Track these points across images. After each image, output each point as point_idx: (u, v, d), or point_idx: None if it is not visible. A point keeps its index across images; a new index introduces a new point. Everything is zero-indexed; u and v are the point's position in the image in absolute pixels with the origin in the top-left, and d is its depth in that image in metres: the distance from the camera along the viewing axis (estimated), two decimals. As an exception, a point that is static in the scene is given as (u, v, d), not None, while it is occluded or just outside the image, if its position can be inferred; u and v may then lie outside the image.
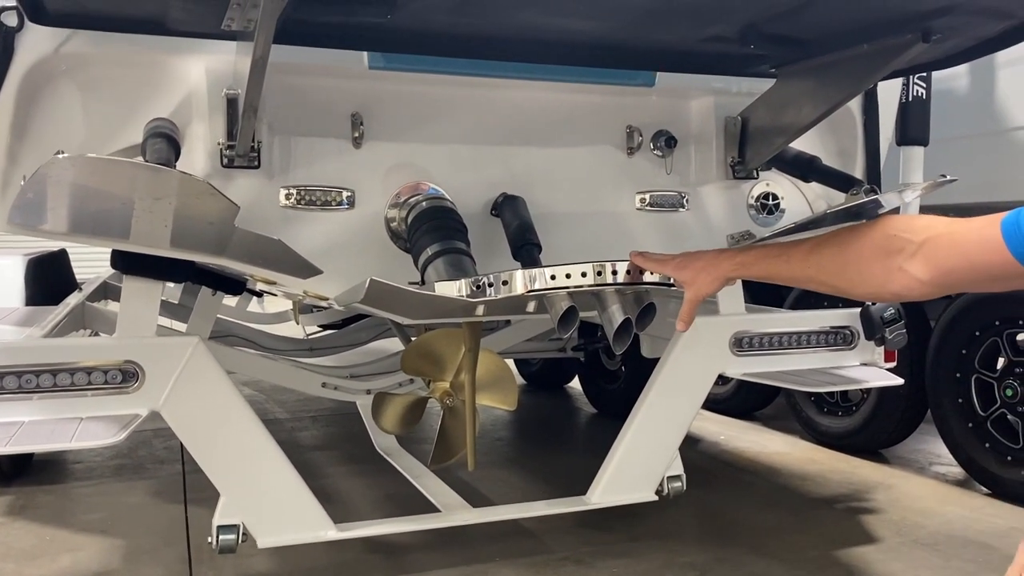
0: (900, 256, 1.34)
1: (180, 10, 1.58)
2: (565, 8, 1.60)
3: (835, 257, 1.47)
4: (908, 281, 1.34)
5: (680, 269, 1.63)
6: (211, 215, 1.58)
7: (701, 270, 1.60)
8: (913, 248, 1.32)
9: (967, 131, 3.17)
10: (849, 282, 1.45)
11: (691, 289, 1.60)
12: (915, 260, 1.32)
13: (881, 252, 1.38)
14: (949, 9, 1.59)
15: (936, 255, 1.30)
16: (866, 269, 1.40)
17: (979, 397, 3.10)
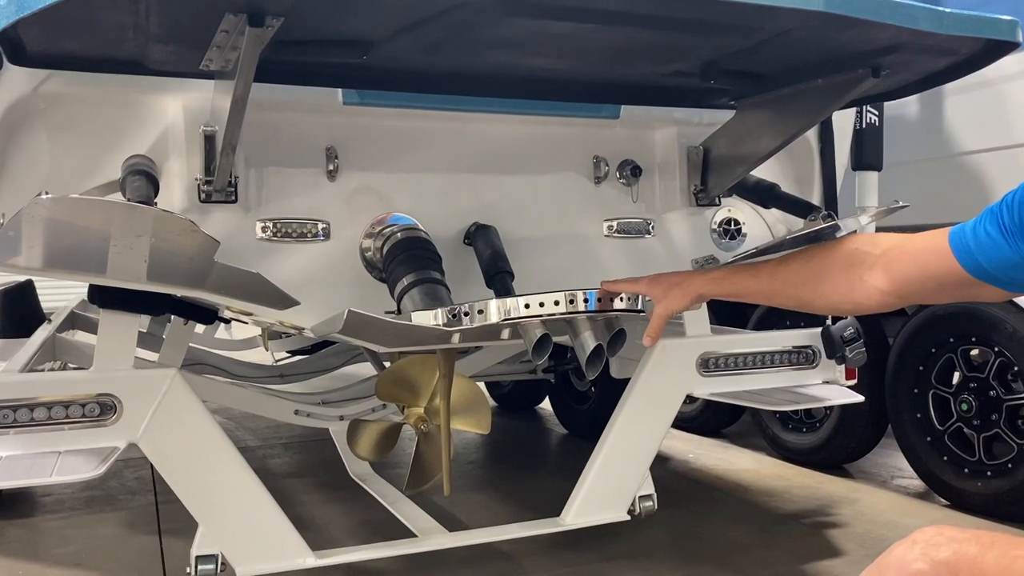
0: (861, 268, 1.43)
1: (160, 51, 1.62)
2: (535, 49, 1.67)
3: (801, 270, 1.56)
4: (869, 291, 1.43)
5: (652, 285, 1.71)
6: (192, 251, 1.62)
7: (674, 286, 1.67)
8: (873, 260, 1.42)
9: (918, 156, 3.29)
10: (814, 294, 1.53)
11: (661, 304, 1.67)
12: (875, 271, 1.42)
13: (844, 265, 1.47)
14: (897, 47, 1.68)
15: (894, 266, 1.39)
16: (830, 281, 1.49)
17: (936, 412, 3.20)
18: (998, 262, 1.28)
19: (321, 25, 1.49)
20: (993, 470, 3.02)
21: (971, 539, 0.92)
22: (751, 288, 1.62)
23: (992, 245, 1.28)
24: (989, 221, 1.29)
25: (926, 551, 0.93)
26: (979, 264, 1.30)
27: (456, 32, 1.51)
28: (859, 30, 1.55)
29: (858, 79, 1.85)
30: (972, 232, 1.31)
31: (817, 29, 1.55)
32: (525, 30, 1.53)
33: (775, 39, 1.64)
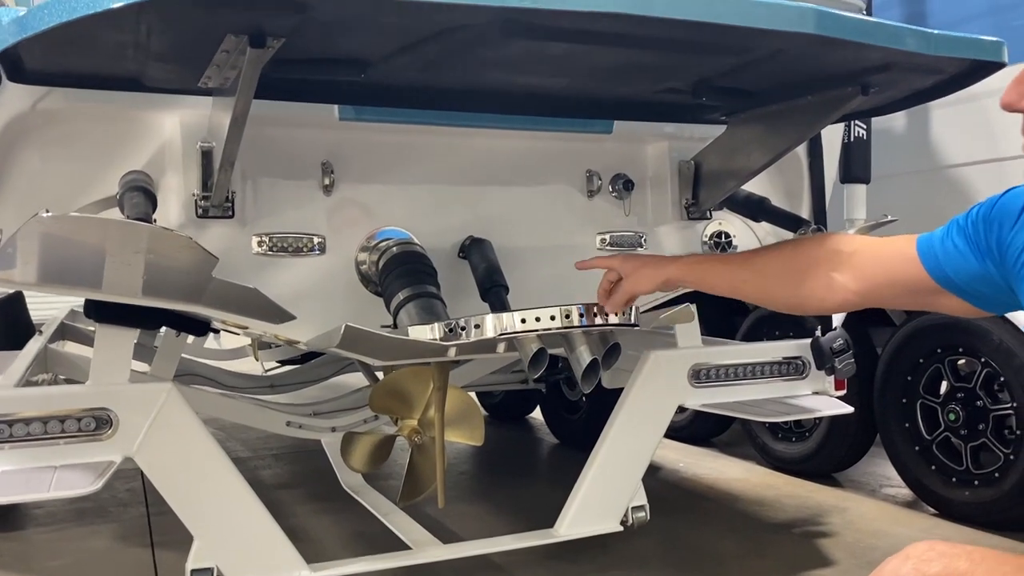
0: (830, 266, 1.46)
1: (158, 69, 1.63)
2: (531, 68, 1.69)
3: (771, 263, 1.58)
4: (836, 290, 1.46)
5: (624, 262, 1.72)
6: (190, 267, 1.63)
7: (644, 265, 1.68)
8: (842, 259, 1.45)
9: (905, 168, 3.34)
10: (781, 287, 1.55)
11: (629, 281, 1.69)
12: (844, 271, 1.44)
13: (813, 262, 1.50)
14: (886, 66, 1.72)
15: (862, 268, 1.42)
16: (798, 276, 1.51)
17: (924, 421, 3.24)
18: (965, 274, 1.30)
19: (320, 45, 1.50)
20: (980, 479, 3.05)
21: (961, 555, 0.95)
22: (721, 277, 1.63)
23: (959, 257, 1.29)
24: (956, 233, 1.31)
25: (918, 566, 0.95)
26: (946, 275, 1.31)
27: (454, 52, 1.53)
28: (849, 50, 1.58)
29: (847, 96, 1.88)
30: (940, 243, 1.33)
31: (808, 49, 1.58)
32: (522, 51, 1.55)
33: (767, 58, 1.67)
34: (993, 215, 1.26)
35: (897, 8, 3.29)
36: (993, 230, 1.25)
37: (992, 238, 1.25)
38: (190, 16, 1.25)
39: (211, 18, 1.28)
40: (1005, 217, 1.24)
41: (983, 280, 1.28)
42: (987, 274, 1.27)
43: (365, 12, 1.25)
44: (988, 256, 1.26)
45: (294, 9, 1.23)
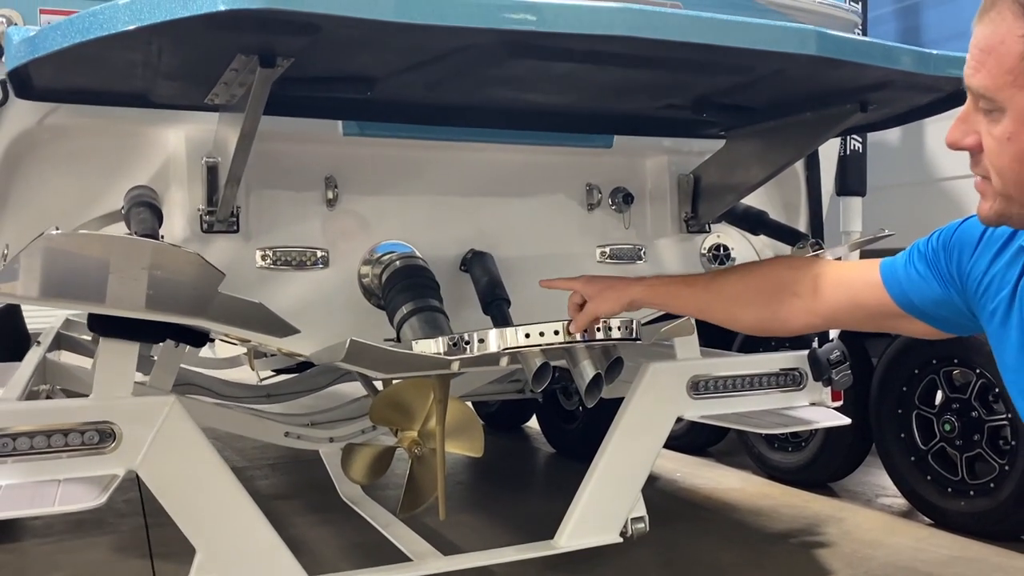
0: (792, 288, 1.49)
1: (166, 86, 1.64)
2: (535, 86, 1.71)
3: (735, 285, 1.60)
4: (797, 313, 1.49)
5: (587, 285, 1.73)
6: (198, 282, 1.64)
7: (609, 287, 1.70)
8: (804, 283, 1.47)
9: (900, 180, 3.37)
10: (747, 310, 1.57)
11: (594, 303, 1.70)
12: (805, 294, 1.47)
13: (776, 285, 1.52)
14: (884, 85, 1.74)
15: (824, 292, 1.45)
16: (761, 298, 1.54)
17: (920, 432, 3.27)
18: (927, 299, 1.33)
19: (328, 64, 1.52)
20: (976, 489, 3.08)
21: None
22: (684, 298, 1.65)
23: (922, 282, 1.33)
24: (918, 258, 1.34)
25: None
26: (909, 299, 1.34)
27: (460, 71, 1.55)
28: (849, 69, 1.61)
29: (846, 113, 1.91)
30: (903, 268, 1.36)
31: (809, 69, 1.60)
32: (527, 70, 1.57)
33: (768, 77, 1.69)
34: (953, 242, 1.29)
35: (892, 23, 3.33)
36: (953, 257, 1.29)
37: (952, 265, 1.29)
38: (202, 37, 1.26)
39: (223, 39, 1.29)
40: (965, 245, 1.28)
41: (945, 304, 1.31)
42: (949, 299, 1.30)
43: (375, 34, 1.27)
44: (949, 282, 1.30)
45: (305, 32, 1.24)
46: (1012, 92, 1.04)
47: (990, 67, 1.05)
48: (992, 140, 1.07)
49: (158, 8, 1.17)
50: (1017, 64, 1.03)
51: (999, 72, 1.04)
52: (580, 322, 1.72)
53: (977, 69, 1.07)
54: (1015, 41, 1.03)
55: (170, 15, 1.15)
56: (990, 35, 1.05)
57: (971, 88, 1.09)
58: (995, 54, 1.04)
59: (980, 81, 1.06)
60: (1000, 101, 1.05)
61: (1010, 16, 1.04)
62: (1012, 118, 1.05)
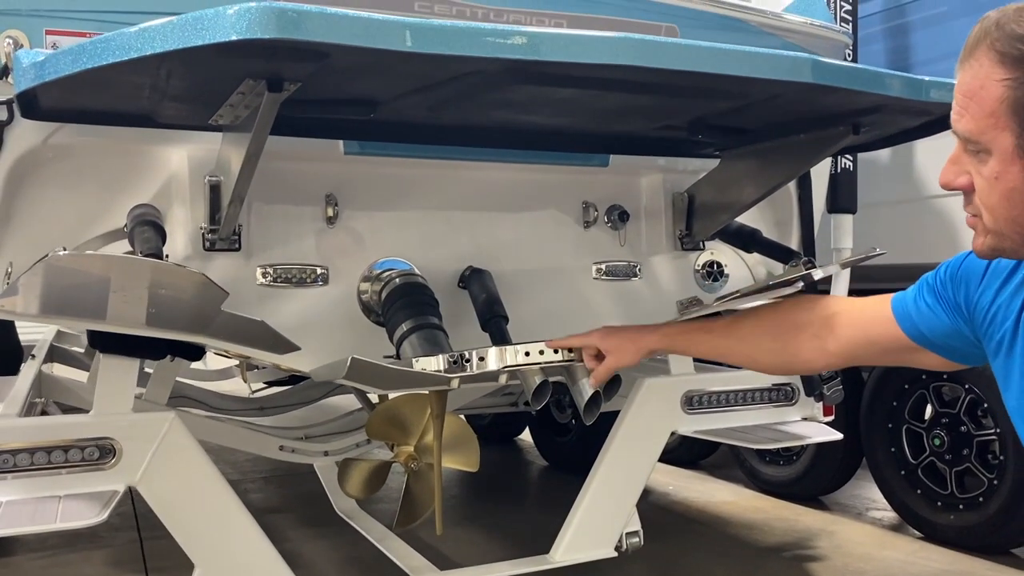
0: (810, 330, 1.52)
1: (171, 108, 1.66)
2: (536, 109, 1.74)
3: (754, 330, 1.64)
4: (817, 353, 1.52)
5: (604, 338, 1.76)
6: (201, 301, 1.66)
7: (626, 340, 1.74)
8: (821, 323, 1.51)
9: (890, 198, 3.42)
10: (767, 353, 1.61)
11: (614, 357, 1.74)
12: (823, 334, 1.51)
13: (794, 326, 1.56)
14: (877, 109, 1.78)
15: (840, 330, 1.48)
16: (781, 341, 1.57)
17: (910, 446, 3.30)
18: (938, 331, 1.37)
19: (334, 87, 1.54)
20: (965, 503, 3.12)
21: None
22: (704, 345, 1.70)
23: (931, 315, 1.37)
24: (927, 292, 1.38)
25: None
26: (921, 332, 1.39)
27: (463, 95, 1.58)
28: (843, 95, 1.64)
29: (839, 135, 1.95)
30: (913, 301, 1.40)
31: (803, 94, 1.64)
32: (529, 94, 1.60)
33: (763, 101, 1.73)
34: (960, 274, 1.34)
35: (881, 42, 3.38)
36: (960, 288, 1.33)
37: (960, 296, 1.33)
38: (213, 63, 1.29)
39: (233, 64, 1.31)
40: (971, 276, 1.32)
41: (955, 335, 1.35)
42: (958, 329, 1.34)
43: (384, 61, 1.30)
44: (957, 312, 1.33)
45: (315, 58, 1.26)
46: (995, 134, 1.09)
47: (973, 112, 1.10)
48: (982, 180, 1.12)
49: (172, 36, 1.19)
50: (998, 107, 1.08)
51: (981, 116, 1.09)
52: (599, 376, 1.76)
53: (961, 114, 1.12)
54: (994, 85, 1.07)
55: (184, 43, 1.18)
56: (971, 81, 1.10)
57: (957, 132, 1.14)
58: (976, 99, 1.09)
59: (965, 126, 1.11)
60: (985, 143, 1.10)
61: (987, 62, 1.08)
62: (998, 159, 1.09)
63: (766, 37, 2.42)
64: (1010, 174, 1.09)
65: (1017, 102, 1.06)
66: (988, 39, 1.09)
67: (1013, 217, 1.11)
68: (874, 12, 3.35)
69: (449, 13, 1.98)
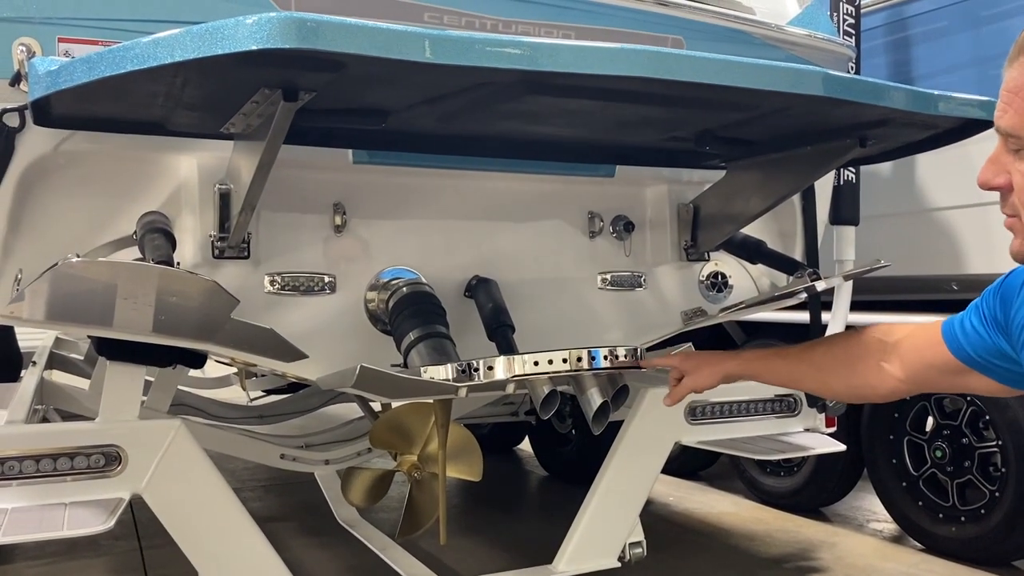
0: (879, 357, 1.55)
1: (184, 116, 1.67)
2: (546, 120, 1.75)
3: (826, 357, 1.68)
4: (886, 379, 1.55)
5: (684, 360, 1.82)
6: (212, 309, 1.66)
7: (705, 363, 1.79)
8: (888, 350, 1.54)
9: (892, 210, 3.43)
10: (838, 379, 1.65)
11: (692, 379, 1.79)
12: (890, 361, 1.53)
13: (864, 354, 1.59)
14: (884, 122, 1.79)
15: (905, 356, 1.51)
16: (851, 368, 1.61)
17: (911, 458, 3.31)
18: (982, 350, 1.39)
19: (346, 97, 1.55)
20: (966, 515, 3.12)
21: None
22: (779, 372, 1.74)
23: (976, 335, 1.39)
24: (974, 313, 1.41)
25: None
26: (967, 353, 1.41)
27: (476, 105, 1.59)
28: (850, 108, 1.65)
29: (845, 148, 1.96)
30: (960, 324, 1.43)
31: (812, 107, 1.65)
32: (541, 105, 1.61)
33: (771, 113, 1.74)
34: (1002, 292, 1.36)
35: (883, 55, 3.40)
36: (1001, 306, 1.35)
37: (1001, 314, 1.35)
38: (230, 71, 1.29)
39: (249, 73, 1.32)
40: (1009, 293, 1.34)
41: (998, 354, 1.37)
42: (1000, 348, 1.36)
43: (399, 72, 1.30)
44: (999, 330, 1.35)
45: (331, 68, 1.27)
46: None
47: (1017, 107, 1.10)
48: (1021, 177, 1.12)
49: (191, 45, 1.20)
50: None
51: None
52: (675, 396, 1.82)
53: (1005, 110, 1.12)
54: None
55: (203, 53, 1.18)
56: (1017, 77, 1.10)
57: (1000, 129, 1.14)
58: (1021, 94, 1.10)
59: (1008, 121, 1.11)
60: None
61: None
62: None
63: (771, 49, 2.44)
64: None
65: None
66: None
67: None
68: (877, 25, 3.37)
69: (459, 24, 1.99)
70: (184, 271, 1.60)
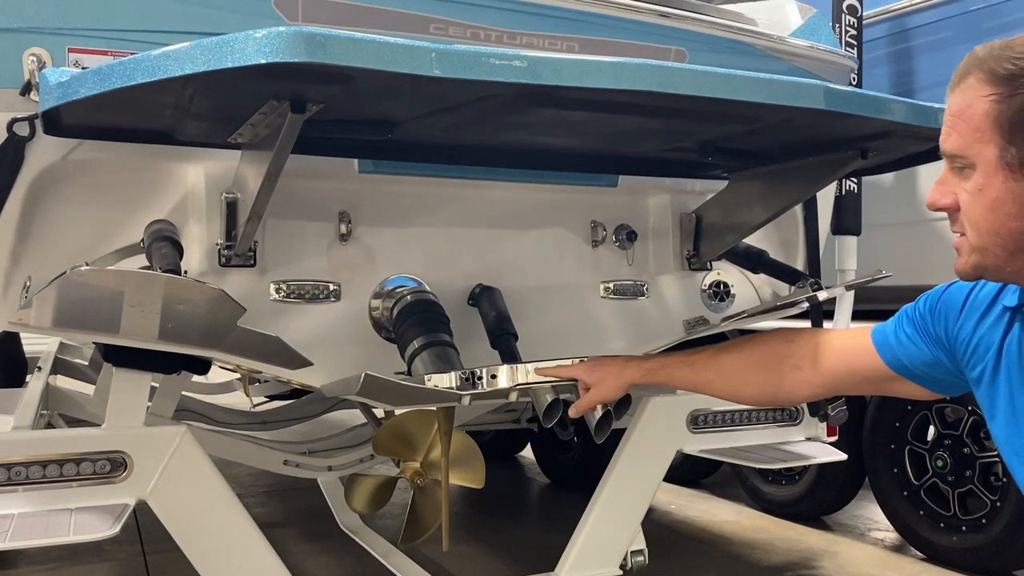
0: (791, 361, 1.54)
1: (192, 126, 1.69)
2: (550, 131, 1.77)
3: (734, 363, 1.65)
4: (799, 384, 1.54)
5: (588, 371, 1.77)
6: (219, 316, 1.67)
7: (609, 375, 1.75)
8: (801, 354, 1.53)
9: (894, 220, 3.45)
10: (749, 386, 1.62)
11: (597, 391, 1.75)
12: (804, 365, 1.53)
13: (775, 359, 1.58)
14: (885, 134, 1.81)
15: (821, 361, 1.51)
16: (762, 373, 1.59)
17: (912, 467, 3.32)
18: (918, 361, 1.40)
19: (353, 108, 1.57)
20: (968, 525, 3.12)
21: None
22: (686, 378, 1.70)
23: (912, 346, 1.40)
24: (907, 323, 1.42)
25: None
26: (901, 363, 1.42)
27: (479, 116, 1.61)
28: (853, 120, 1.67)
29: (847, 159, 1.98)
30: (893, 333, 1.43)
31: (814, 119, 1.67)
32: (545, 117, 1.62)
33: (774, 126, 1.76)
34: (939, 307, 1.37)
35: (885, 67, 3.42)
36: (940, 321, 1.36)
37: (940, 328, 1.36)
38: (239, 83, 1.31)
39: (258, 85, 1.34)
40: (950, 309, 1.35)
41: (935, 366, 1.38)
42: (938, 360, 1.38)
43: (407, 85, 1.32)
44: (938, 344, 1.37)
45: (339, 81, 1.29)
46: (980, 148, 1.14)
47: (960, 129, 1.15)
48: (966, 195, 1.16)
49: (201, 58, 1.22)
50: (983, 121, 1.13)
51: (967, 131, 1.14)
52: (579, 408, 1.78)
53: (948, 133, 1.17)
54: (980, 102, 1.13)
55: (213, 65, 1.20)
56: (959, 102, 1.16)
57: (945, 152, 1.19)
58: (963, 116, 1.15)
59: (952, 143, 1.16)
60: (970, 157, 1.15)
61: (976, 83, 1.14)
62: (981, 171, 1.14)
63: (773, 61, 2.45)
64: (993, 185, 1.14)
65: (1001, 115, 1.11)
66: (977, 64, 1.15)
67: (995, 230, 1.15)
68: (879, 37, 3.39)
69: (464, 35, 2.01)
70: (191, 279, 1.62)
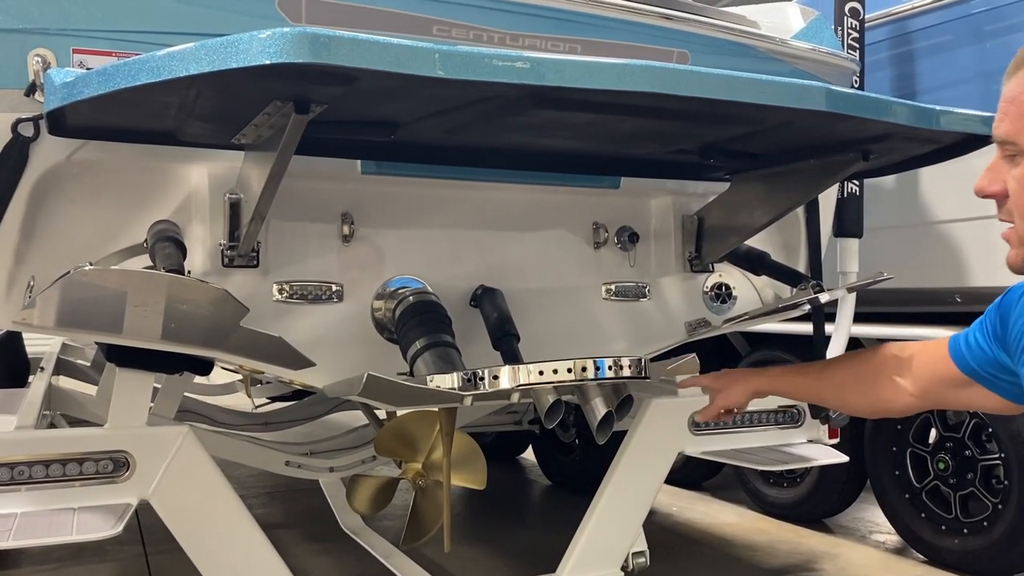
0: (893, 372, 1.60)
1: (196, 127, 1.69)
2: (553, 133, 1.77)
3: (842, 373, 1.76)
4: (900, 394, 1.60)
5: (716, 379, 1.93)
6: (222, 317, 1.68)
7: (735, 382, 1.89)
8: (902, 366, 1.59)
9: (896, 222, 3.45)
10: (855, 396, 1.71)
11: (723, 396, 1.90)
12: (905, 377, 1.58)
13: (879, 370, 1.64)
14: (887, 136, 1.81)
15: (915, 371, 1.56)
16: (866, 384, 1.66)
17: (914, 469, 3.32)
18: (984, 363, 1.44)
19: (357, 109, 1.57)
20: (969, 527, 3.12)
21: None
22: (801, 388, 1.84)
23: (978, 348, 1.44)
24: (978, 328, 1.45)
25: None
26: (970, 365, 1.46)
27: (484, 117, 1.61)
28: (854, 122, 1.67)
29: (849, 161, 1.98)
30: (965, 338, 1.47)
31: (816, 121, 1.67)
32: (548, 119, 1.63)
33: (776, 128, 1.76)
34: (1003, 305, 1.40)
35: (887, 69, 3.42)
36: (1000, 320, 1.39)
37: (1000, 327, 1.39)
38: (243, 84, 1.32)
39: (262, 86, 1.34)
40: (1008, 308, 1.38)
41: (999, 368, 1.40)
42: (1001, 362, 1.39)
43: (411, 86, 1.33)
44: (1000, 345, 1.38)
45: (343, 82, 1.29)
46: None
47: (1012, 115, 1.15)
48: (1015, 182, 1.16)
49: (206, 59, 1.22)
50: None
51: (1020, 117, 1.15)
52: (708, 414, 1.94)
53: (1001, 119, 1.17)
54: None
55: (218, 66, 1.21)
56: (1014, 88, 1.16)
57: (996, 138, 1.18)
58: (1016, 103, 1.15)
59: (1004, 129, 1.16)
60: (1021, 144, 1.14)
61: None
62: None
63: (775, 63, 2.46)
64: None
65: None
66: None
67: None
68: (881, 39, 3.39)
69: (467, 36, 2.02)
70: (194, 279, 1.62)
